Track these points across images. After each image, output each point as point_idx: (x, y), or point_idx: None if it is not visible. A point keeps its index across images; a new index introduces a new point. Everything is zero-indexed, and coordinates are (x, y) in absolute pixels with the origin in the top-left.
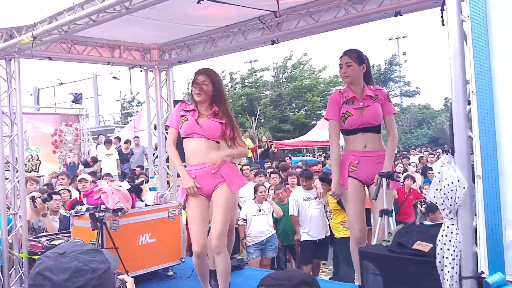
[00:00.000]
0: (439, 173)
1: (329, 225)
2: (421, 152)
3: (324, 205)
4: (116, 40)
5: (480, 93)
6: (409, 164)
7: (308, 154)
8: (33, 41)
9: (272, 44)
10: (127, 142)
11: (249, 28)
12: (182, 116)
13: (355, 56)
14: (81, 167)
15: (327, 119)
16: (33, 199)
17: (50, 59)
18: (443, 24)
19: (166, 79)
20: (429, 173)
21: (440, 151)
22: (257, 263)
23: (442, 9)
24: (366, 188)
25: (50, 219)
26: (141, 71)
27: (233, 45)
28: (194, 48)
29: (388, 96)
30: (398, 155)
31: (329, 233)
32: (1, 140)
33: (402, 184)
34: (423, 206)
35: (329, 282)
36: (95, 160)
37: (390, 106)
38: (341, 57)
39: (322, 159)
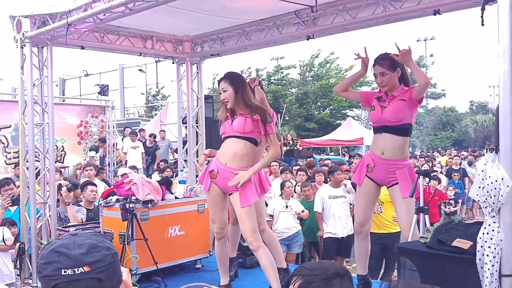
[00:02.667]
0: (482, 171)
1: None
2: (445, 154)
3: (351, 203)
4: (148, 30)
5: None
6: (434, 166)
7: (331, 153)
8: (67, 28)
9: (307, 39)
10: (152, 135)
11: (284, 22)
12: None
13: (387, 64)
14: (92, 152)
15: None
16: (59, 187)
17: (82, 48)
18: (483, 24)
19: (197, 72)
20: (454, 175)
21: (465, 153)
22: None
23: (483, 9)
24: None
25: (74, 209)
26: (173, 63)
27: (267, 39)
28: (227, 41)
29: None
30: (424, 156)
31: (352, 232)
32: (32, 130)
33: (427, 184)
34: (447, 207)
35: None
36: (103, 140)
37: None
38: (373, 66)
39: (347, 158)
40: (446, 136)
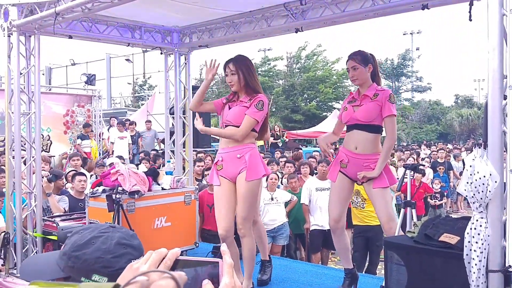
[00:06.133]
0: (470, 166)
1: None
2: (430, 148)
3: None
4: (137, 21)
5: None
6: (422, 160)
7: (317, 145)
8: (55, 17)
9: (296, 32)
10: (132, 123)
11: (273, 14)
12: (224, 103)
13: (359, 59)
14: (78, 140)
15: None
16: None
17: (70, 37)
18: (470, 19)
19: (185, 63)
20: (439, 168)
21: (450, 147)
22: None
23: (471, 4)
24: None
25: (56, 199)
26: (161, 53)
27: (256, 31)
28: (215, 33)
29: (391, 97)
30: (409, 149)
31: None
32: (18, 119)
33: (412, 177)
34: (433, 200)
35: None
36: (87, 125)
37: (389, 107)
38: (347, 61)
39: (332, 150)
40: (431, 129)
